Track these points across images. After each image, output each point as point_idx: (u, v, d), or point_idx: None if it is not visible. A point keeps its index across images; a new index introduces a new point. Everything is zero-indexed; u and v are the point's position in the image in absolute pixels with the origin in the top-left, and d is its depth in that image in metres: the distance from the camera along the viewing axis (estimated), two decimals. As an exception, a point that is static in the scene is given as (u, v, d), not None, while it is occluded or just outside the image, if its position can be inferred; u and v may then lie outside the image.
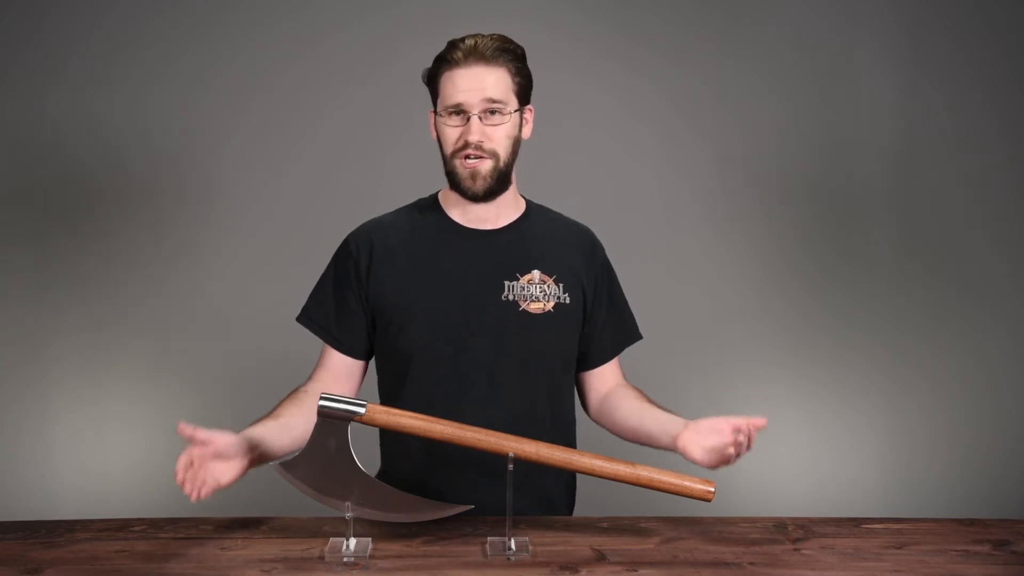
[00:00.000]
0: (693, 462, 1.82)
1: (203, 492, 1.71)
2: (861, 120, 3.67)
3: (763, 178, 3.68)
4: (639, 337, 2.15)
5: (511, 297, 1.96)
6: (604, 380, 2.12)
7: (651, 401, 2.03)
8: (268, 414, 1.91)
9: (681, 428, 1.85)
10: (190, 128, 3.56)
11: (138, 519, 1.85)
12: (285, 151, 3.59)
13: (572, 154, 3.59)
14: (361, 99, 3.58)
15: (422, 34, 3.46)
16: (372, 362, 2.10)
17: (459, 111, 1.89)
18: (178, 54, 3.55)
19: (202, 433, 1.73)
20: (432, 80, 1.94)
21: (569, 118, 3.57)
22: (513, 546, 1.68)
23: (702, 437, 1.80)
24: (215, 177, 3.59)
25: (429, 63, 1.96)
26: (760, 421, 1.76)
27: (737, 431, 1.74)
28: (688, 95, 3.66)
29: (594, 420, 2.14)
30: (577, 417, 2.14)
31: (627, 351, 2.16)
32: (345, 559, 1.65)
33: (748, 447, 1.76)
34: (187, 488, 1.70)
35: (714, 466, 1.79)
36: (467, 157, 1.89)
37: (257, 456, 1.79)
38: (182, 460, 1.72)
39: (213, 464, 1.74)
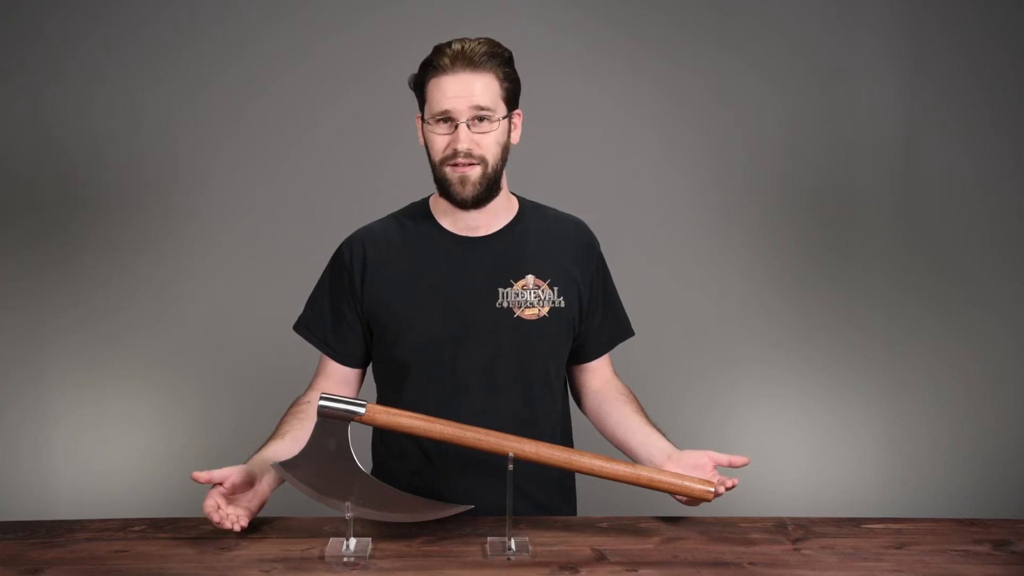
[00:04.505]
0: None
1: (243, 522, 1.75)
2: (861, 120, 3.67)
3: (763, 178, 3.68)
4: (631, 333, 2.16)
5: (505, 304, 1.95)
6: (596, 376, 2.12)
7: (640, 412, 2.04)
8: (274, 434, 1.92)
9: (663, 459, 1.88)
10: (188, 129, 3.56)
11: (138, 519, 1.85)
12: (284, 152, 3.60)
13: (572, 154, 3.59)
14: (361, 101, 3.58)
15: (422, 35, 3.45)
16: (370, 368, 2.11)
17: (447, 118, 1.87)
18: (175, 55, 3.55)
19: (217, 474, 1.76)
20: (419, 86, 1.92)
21: (569, 118, 3.57)
22: (513, 546, 1.69)
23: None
24: (213, 178, 3.59)
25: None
26: (741, 460, 1.80)
27: (717, 467, 1.81)
28: (688, 95, 3.66)
29: (585, 415, 2.15)
30: (572, 415, 2.14)
31: (629, 352, 2.16)
32: (345, 559, 1.65)
33: (731, 487, 1.79)
34: (227, 524, 1.73)
35: (692, 504, 1.82)
36: (456, 165, 1.87)
37: (276, 478, 1.81)
38: (209, 504, 1.74)
39: (237, 498, 1.78)
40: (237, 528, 1.73)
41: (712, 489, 1.73)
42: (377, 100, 3.56)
